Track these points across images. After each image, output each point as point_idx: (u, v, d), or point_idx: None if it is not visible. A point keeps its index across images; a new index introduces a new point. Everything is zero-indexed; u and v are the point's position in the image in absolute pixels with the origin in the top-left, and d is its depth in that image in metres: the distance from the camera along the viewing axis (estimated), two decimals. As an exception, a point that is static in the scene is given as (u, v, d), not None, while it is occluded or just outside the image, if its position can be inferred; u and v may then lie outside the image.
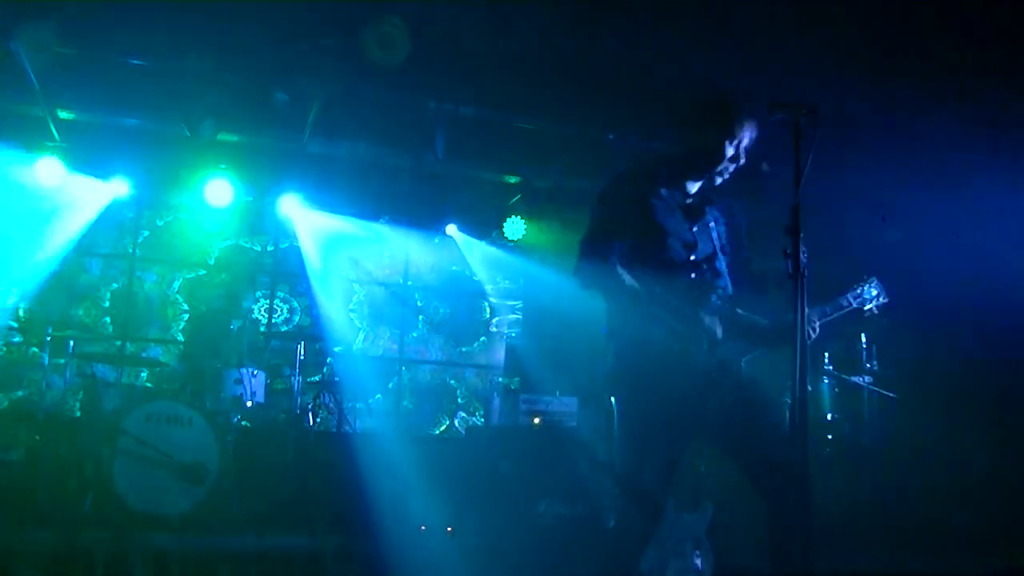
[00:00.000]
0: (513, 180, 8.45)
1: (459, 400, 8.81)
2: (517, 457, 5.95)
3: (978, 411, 6.72)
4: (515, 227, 8.61)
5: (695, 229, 3.12)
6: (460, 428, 8.67)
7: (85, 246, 7.81)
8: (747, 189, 3.39)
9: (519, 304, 9.19)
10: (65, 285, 7.72)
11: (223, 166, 7.56)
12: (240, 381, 6.03)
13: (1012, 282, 6.70)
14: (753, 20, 5.35)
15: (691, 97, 3.35)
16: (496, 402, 7.23)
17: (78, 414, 6.14)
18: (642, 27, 5.50)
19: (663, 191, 3.12)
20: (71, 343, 5.95)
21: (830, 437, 6.27)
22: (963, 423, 6.61)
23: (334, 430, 6.42)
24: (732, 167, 3.11)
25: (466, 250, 8.65)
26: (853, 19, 5.21)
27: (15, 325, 7.37)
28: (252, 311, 8.18)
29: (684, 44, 5.65)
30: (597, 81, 6.20)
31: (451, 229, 8.45)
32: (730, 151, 3.06)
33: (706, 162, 3.10)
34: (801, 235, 2.66)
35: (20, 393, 7.38)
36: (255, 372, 6.16)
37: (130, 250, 7.96)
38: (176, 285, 8.06)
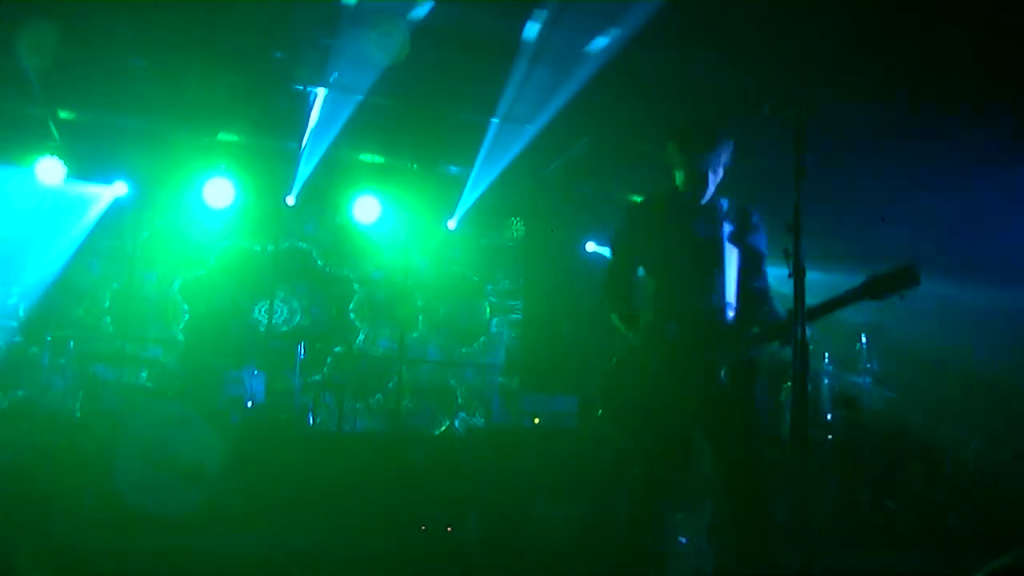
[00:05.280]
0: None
1: (459, 400, 8.81)
2: (517, 457, 5.94)
3: (977, 410, 6.72)
4: (515, 227, 8.60)
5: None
6: (460, 428, 8.67)
7: (85, 246, 7.81)
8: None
9: (519, 304, 9.19)
10: (65, 285, 7.71)
11: (223, 166, 7.56)
12: (240, 381, 6.04)
13: (1011, 281, 6.72)
14: (752, 23, 5.35)
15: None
16: (496, 402, 7.24)
17: (78, 414, 6.14)
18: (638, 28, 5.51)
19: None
20: (71, 343, 5.96)
21: (830, 437, 6.27)
22: (961, 422, 6.61)
23: (334, 430, 6.42)
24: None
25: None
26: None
27: (15, 325, 7.37)
28: (252, 311, 8.19)
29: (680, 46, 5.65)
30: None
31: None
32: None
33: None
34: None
35: (20, 393, 7.38)
36: (255, 372, 6.16)
37: (130, 250, 7.96)
38: (176, 285, 8.06)
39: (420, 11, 5.59)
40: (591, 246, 8.96)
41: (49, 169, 7.18)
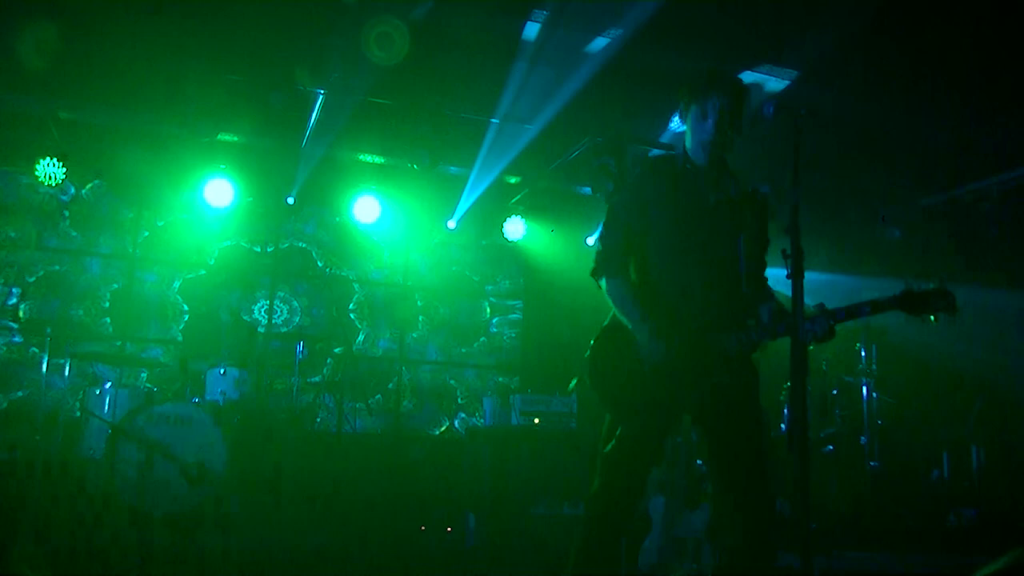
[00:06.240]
0: (513, 180, 8.44)
1: (459, 400, 8.81)
2: (517, 457, 5.95)
3: (976, 410, 6.72)
4: (515, 227, 8.57)
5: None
6: (460, 428, 8.66)
7: (85, 246, 7.81)
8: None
9: (519, 304, 9.19)
10: (65, 285, 7.71)
11: (223, 166, 7.56)
12: (240, 381, 6.04)
13: (1011, 281, 6.71)
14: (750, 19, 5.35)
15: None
16: (495, 402, 7.23)
17: (78, 414, 6.14)
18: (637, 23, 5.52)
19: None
20: (71, 343, 5.95)
21: (830, 437, 6.27)
22: (962, 423, 6.61)
23: (334, 430, 6.43)
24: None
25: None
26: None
27: (15, 325, 7.37)
28: (252, 311, 8.19)
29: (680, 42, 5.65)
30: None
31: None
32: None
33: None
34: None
35: (20, 393, 7.38)
36: (255, 372, 6.16)
37: (130, 250, 7.96)
38: (176, 285, 8.06)
39: (420, 11, 5.60)
40: (591, 241, 8.95)
41: (51, 169, 7.18)
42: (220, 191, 7.56)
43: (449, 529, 5.74)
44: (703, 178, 3.06)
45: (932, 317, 2.89)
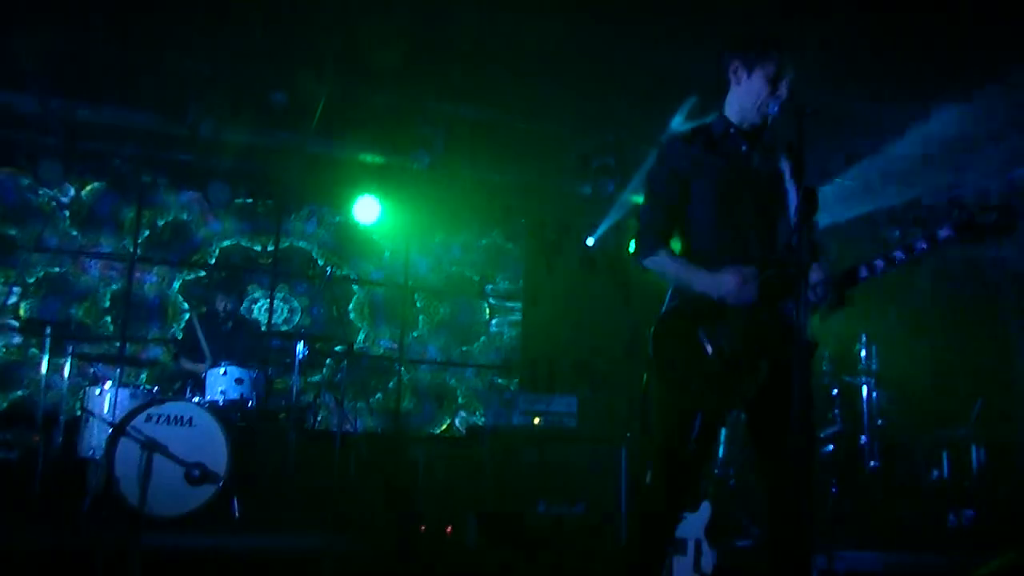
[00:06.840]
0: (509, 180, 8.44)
1: (459, 400, 8.81)
2: (517, 457, 5.94)
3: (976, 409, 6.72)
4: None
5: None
6: (460, 428, 8.67)
7: (85, 246, 7.81)
8: None
9: (519, 304, 9.19)
10: (65, 285, 7.71)
11: (225, 166, 7.56)
12: (240, 381, 6.03)
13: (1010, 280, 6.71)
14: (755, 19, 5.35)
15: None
16: (496, 402, 7.23)
17: (78, 414, 6.13)
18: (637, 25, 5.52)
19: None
20: (71, 343, 5.96)
21: (830, 437, 6.27)
22: (962, 421, 6.61)
23: (334, 430, 6.43)
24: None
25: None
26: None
27: (15, 325, 7.37)
28: (252, 311, 8.19)
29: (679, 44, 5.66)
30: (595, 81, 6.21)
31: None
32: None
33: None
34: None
35: (20, 393, 7.38)
36: (255, 372, 6.15)
37: (130, 250, 7.96)
38: (176, 285, 8.06)
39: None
40: (591, 241, 8.95)
41: (51, 169, 7.20)
42: (222, 191, 7.56)
43: (449, 529, 5.73)
44: (751, 142, 2.95)
45: (994, 240, 2.72)
